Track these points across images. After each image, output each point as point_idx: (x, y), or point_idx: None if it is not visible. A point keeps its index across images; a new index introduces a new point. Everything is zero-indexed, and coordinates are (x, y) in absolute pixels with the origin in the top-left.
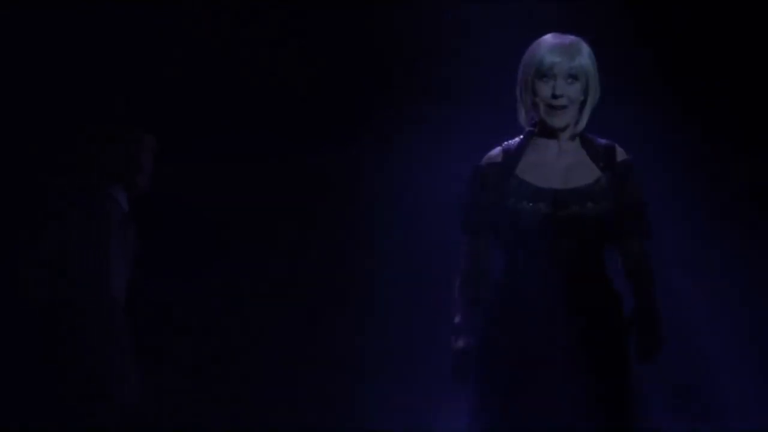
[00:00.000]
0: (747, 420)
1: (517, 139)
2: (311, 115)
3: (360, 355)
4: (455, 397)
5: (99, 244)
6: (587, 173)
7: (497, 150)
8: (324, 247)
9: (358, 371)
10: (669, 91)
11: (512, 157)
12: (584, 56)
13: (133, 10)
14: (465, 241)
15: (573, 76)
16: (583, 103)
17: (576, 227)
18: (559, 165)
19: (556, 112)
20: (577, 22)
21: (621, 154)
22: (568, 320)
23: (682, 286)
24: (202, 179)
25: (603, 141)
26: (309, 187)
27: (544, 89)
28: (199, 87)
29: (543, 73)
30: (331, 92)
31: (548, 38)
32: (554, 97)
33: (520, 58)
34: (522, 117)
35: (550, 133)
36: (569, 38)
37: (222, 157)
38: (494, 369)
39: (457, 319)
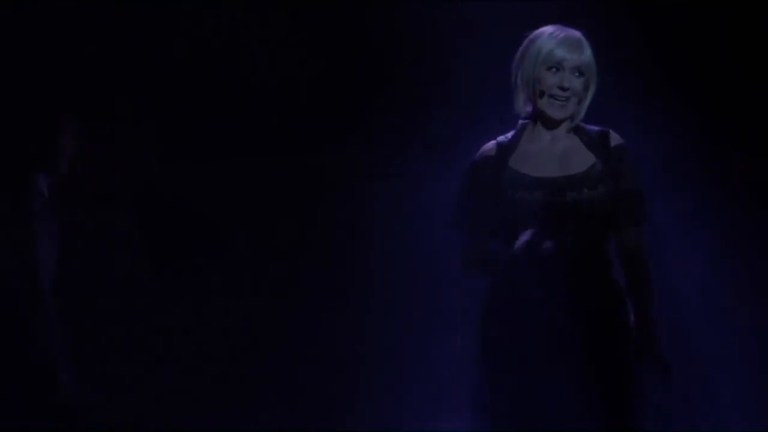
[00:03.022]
0: (747, 420)
1: (510, 133)
2: (311, 114)
3: (360, 355)
4: (455, 398)
5: (21, 235)
6: (582, 160)
7: (491, 144)
8: (324, 247)
9: (358, 371)
10: (669, 89)
11: (506, 149)
12: (589, 52)
13: (133, 9)
14: (462, 239)
15: (580, 71)
16: (580, 99)
17: (574, 214)
18: (554, 153)
19: (559, 102)
20: (576, 20)
21: (615, 139)
22: (570, 312)
23: (682, 285)
24: (202, 179)
25: (595, 128)
26: (309, 187)
27: (551, 79)
28: (198, 86)
29: (551, 65)
30: (331, 92)
31: (554, 30)
32: (561, 89)
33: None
34: (519, 105)
35: (546, 124)
36: (575, 33)
37: (222, 156)
38: (496, 364)
39: (492, 256)
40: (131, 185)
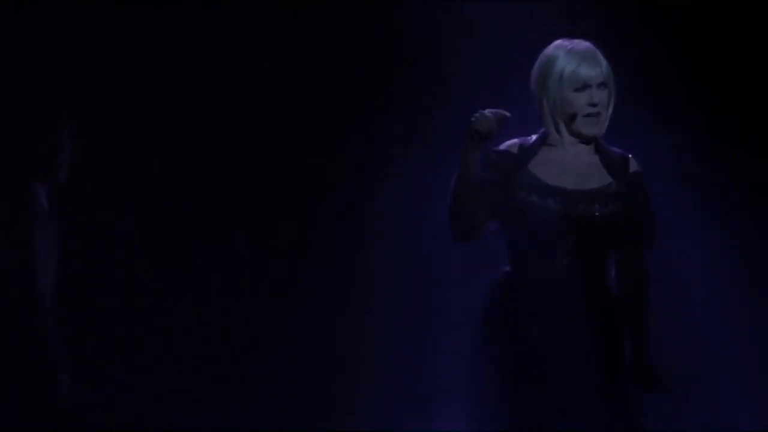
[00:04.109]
0: (747, 420)
1: (533, 136)
2: (311, 114)
3: (360, 355)
4: (454, 398)
5: (21, 242)
6: (598, 177)
7: (514, 141)
8: (324, 247)
9: (358, 371)
10: (669, 88)
11: (527, 151)
12: (604, 61)
13: (133, 9)
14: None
15: (604, 83)
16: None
17: (582, 228)
18: (572, 166)
19: (593, 120)
20: (576, 21)
21: (634, 165)
22: (568, 320)
23: (682, 285)
24: (202, 179)
25: (617, 150)
26: (309, 187)
27: (581, 99)
28: (198, 86)
29: (578, 86)
30: (331, 92)
31: (568, 47)
32: (592, 105)
33: (519, 58)
34: (551, 128)
35: (573, 139)
36: (588, 46)
37: (222, 156)
38: (494, 366)
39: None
40: (131, 185)
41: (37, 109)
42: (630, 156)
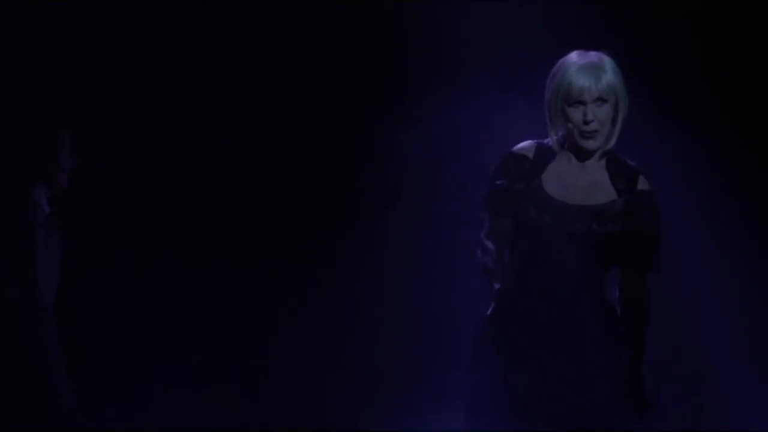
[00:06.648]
0: (748, 420)
1: (548, 142)
2: (310, 115)
3: (360, 356)
4: (453, 398)
5: (23, 249)
6: (603, 194)
7: (531, 144)
8: (324, 248)
9: (360, 371)
10: (671, 88)
11: (544, 157)
12: (609, 74)
13: (132, 11)
14: (487, 218)
15: (602, 99)
16: (613, 120)
17: (580, 244)
18: (579, 181)
19: (589, 135)
20: (578, 22)
21: (643, 183)
22: (565, 330)
23: (684, 284)
24: (202, 180)
25: (630, 164)
26: (309, 186)
27: (575, 115)
28: (198, 88)
29: (572, 101)
30: (331, 91)
31: (573, 60)
32: (585, 122)
33: (518, 57)
34: (553, 138)
35: (578, 153)
36: (593, 57)
37: (222, 157)
38: (493, 369)
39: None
40: (131, 190)
41: (36, 114)
42: (641, 172)
